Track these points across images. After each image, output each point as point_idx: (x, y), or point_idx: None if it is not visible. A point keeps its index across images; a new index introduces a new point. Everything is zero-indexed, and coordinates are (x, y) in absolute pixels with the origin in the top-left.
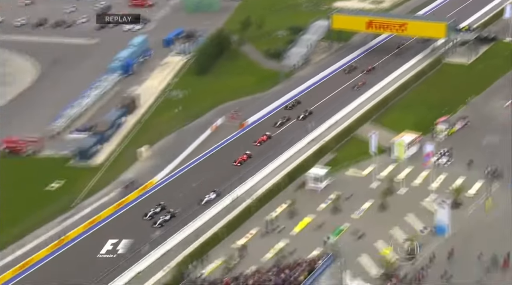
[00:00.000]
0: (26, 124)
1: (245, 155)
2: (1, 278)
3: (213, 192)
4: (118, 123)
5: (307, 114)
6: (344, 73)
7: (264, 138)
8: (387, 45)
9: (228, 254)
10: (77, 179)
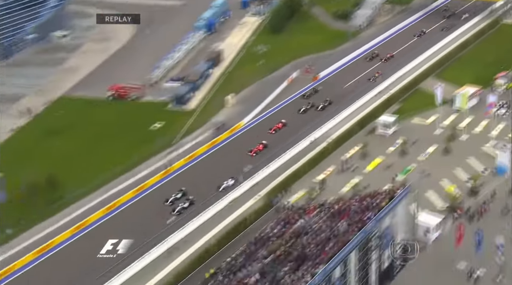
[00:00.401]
0: (128, 73)
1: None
2: (125, 196)
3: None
4: (206, 74)
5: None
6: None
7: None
8: (446, 8)
9: (309, 187)
10: (175, 121)
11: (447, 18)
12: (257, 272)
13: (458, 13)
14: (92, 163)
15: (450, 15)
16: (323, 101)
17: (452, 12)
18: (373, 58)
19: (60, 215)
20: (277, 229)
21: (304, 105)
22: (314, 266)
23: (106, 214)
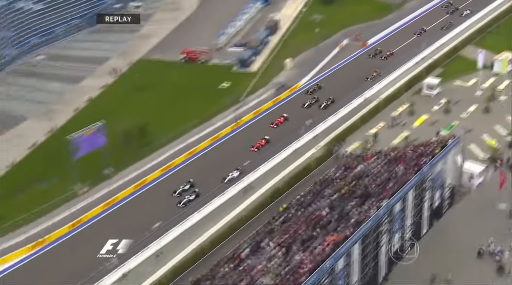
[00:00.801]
0: (196, 40)
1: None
2: (203, 144)
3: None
4: (266, 41)
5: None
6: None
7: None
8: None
9: (363, 139)
10: (240, 81)
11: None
12: (326, 206)
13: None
14: (173, 115)
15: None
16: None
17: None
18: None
19: (149, 158)
20: (339, 173)
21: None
22: (378, 201)
23: (188, 158)
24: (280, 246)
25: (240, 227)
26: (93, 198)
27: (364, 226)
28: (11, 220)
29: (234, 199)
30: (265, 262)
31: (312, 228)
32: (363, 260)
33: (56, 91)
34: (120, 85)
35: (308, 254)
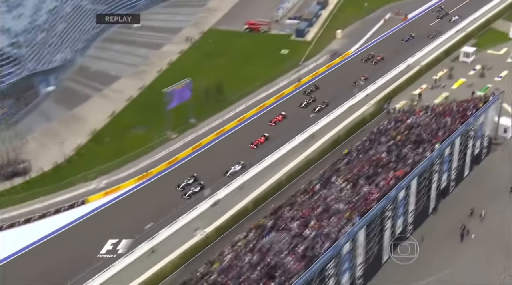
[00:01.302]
0: (257, 12)
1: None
2: (270, 100)
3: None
4: (318, 14)
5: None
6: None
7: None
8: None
9: (409, 98)
10: (298, 49)
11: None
12: (385, 150)
13: None
14: (243, 76)
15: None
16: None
17: None
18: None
19: (222, 113)
20: (392, 124)
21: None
22: (430, 146)
23: (259, 111)
24: (348, 181)
25: (308, 168)
26: (183, 142)
27: (421, 164)
28: (117, 158)
29: (301, 145)
30: (336, 193)
31: (374, 167)
32: (418, 193)
33: (142, 56)
34: (194, 51)
35: (373, 186)
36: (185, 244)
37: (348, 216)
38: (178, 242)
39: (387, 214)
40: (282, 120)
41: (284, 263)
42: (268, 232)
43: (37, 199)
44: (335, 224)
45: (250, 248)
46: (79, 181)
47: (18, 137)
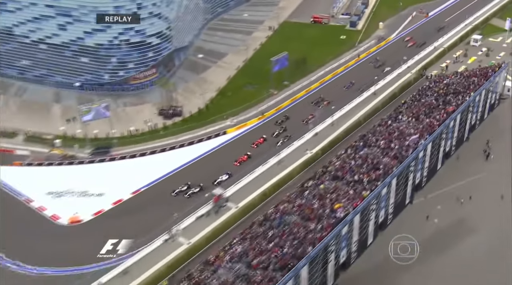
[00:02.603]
0: (317, 9)
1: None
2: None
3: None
4: (363, 11)
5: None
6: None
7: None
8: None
9: (439, 68)
10: (352, 35)
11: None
12: (433, 99)
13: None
14: (316, 53)
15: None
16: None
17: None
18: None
19: (306, 78)
20: (432, 84)
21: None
22: (464, 97)
23: (332, 77)
24: (411, 117)
25: (376, 113)
26: (280, 97)
27: (464, 104)
28: (239, 106)
29: (366, 100)
30: (405, 124)
31: (428, 108)
32: (460, 125)
33: (239, 39)
34: (276, 36)
35: (432, 118)
36: (300, 159)
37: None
38: (296, 157)
39: (443, 136)
40: (353, 85)
41: (383, 161)
42: (362, 148)
43: (192, 130)
44: (412, 141)
45: (351, 157)
46: (217, 120)
47: (170, 92)
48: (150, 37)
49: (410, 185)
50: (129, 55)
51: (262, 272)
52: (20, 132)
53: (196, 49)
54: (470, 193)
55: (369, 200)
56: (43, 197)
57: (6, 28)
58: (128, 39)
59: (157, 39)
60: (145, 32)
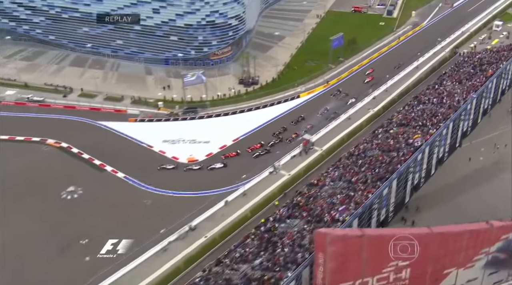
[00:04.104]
0: (355, 1)
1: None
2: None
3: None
4: (396, 2)
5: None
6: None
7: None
8: None
9: (469, 48)
10: (390, 22)
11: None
12: (470, 69)
13: None
14: (361, 36)
15: None
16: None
17: None
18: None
19: (357, 55)
20: (467, 58)
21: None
22: (498, 65)
23: (377, 56)
24: (455, 81)
25: (421, 82)
26: (338, 71)
27: (500, 69)
28: (305, 77)
29: (410, 72)
30: (451, 87)
31: (468, 75)
32: (495, 89)
33: (292, 25)
34: (324, 22)
35: (473, 81)
36: (366, 115)
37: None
38: (361, 114)
39: (484, 95)
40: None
41: (439, 111)
42: (418, 105)
43: (270, 95)
44: (461, 97)
45: (410, 111)
46: (289, 87)
47: (248, 63)
48: (230, 19)
49: (460, 131)
50: (213, 34)
51: (363, 185)
52: (126, 97)
53: (257, 33)
54: (503, 142)
55: (435, 137)
56: (160, 144)
57: (105, 13)
58: (214, 20)
59: (235, 20)
60: (227, 14)
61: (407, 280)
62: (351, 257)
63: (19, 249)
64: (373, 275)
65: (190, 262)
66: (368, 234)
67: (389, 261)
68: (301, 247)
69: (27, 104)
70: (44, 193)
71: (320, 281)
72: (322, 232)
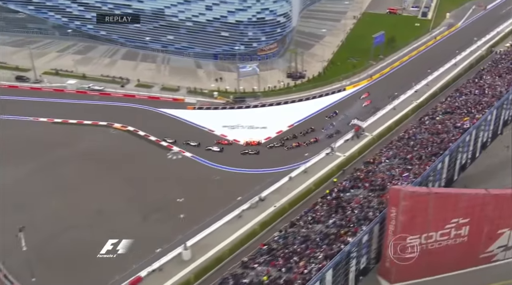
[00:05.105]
0: (388, 3)
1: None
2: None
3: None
4: (430, 4)
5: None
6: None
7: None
8: None
9: (504, 47)
10: (425, 23)
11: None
12: (509, 64)
13: None
14: (398, 36)
15: None
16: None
17: None
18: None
19: (396, 53)
20: (504, 55)
21: None
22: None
23: (416, 54)
24: (495, 76)
25: (460, 77)
26: (378, 67)
27: None
28: (349, 72)
29: (449, 69)
30: (491, 80)
31: (508, 69)
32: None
33: (331, 25)
34: (361, 23)
35: (505, 80)
36: (409, 106)
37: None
38: (405, 105)
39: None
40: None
41: (483, 100)
42: (460, 96)
43: (317, 88)
44: (503, 89)
45: (453, 101)
46: (335, 80)
47: (291, 61)
48: (279, 16)
49: (502, 119)
50: (262, 30)
51: (418, 161)
52: (181, 88)
53: (298, 31)
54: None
55: (481, 121)
56: (220, 129)
57: (158, 10)
58: (264, 17)
59: (283, 18)
60: (276, 12)
61: (466, 237)
62: (419, 213)
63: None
64: (437, 230)
65: (264, 226)
66: (434, 192)
67: (451, 218)
68: (370, 208)
69: (88, 92)
70: (121, 169)
71: (391, 234)
72: (396, 188)
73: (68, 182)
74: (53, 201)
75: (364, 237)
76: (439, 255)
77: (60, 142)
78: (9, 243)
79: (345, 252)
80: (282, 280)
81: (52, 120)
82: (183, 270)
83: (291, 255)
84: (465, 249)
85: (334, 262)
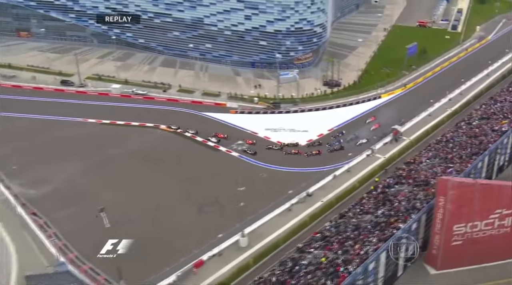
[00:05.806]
0: (419, 16)
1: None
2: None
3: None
4: (459, 17)
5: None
6: None
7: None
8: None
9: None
10: (455, 36)
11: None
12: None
13: None
14: (430, 48)
15: None
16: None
17: None
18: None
19: (428, 64)
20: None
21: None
22: None
23: (449, 64)
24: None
25: (492, 87)
26: (412, 77)
27: None
28: (384, 80)
29: (481, 79)
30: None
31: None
32: None
33: (362, 37)
34: (391, 35)
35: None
36: (444, 113)
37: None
38: (440, 112)
39: None
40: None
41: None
42: (495, 104)
43: (352, 95)
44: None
45: (488, 108)
46: (370, 89)
47: (327, 70)
48: (316, 26)
49: None
50: (299, 40)
51: (459, 160)
52: (222, 94)
53: (330, 43)
54: None
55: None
56: (263, 131)
57: (197, 19)
58: (301, 27)
59: (320, 28)
60: (313, 22)
61: (509, 227)
62: (465, 202)
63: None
64: (482, 219)
65: (314, 218)
66: (479, 183)
67: (495, 208)
68: (417, 200)
69: (132, 96)
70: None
71: (439, 222)
72: (444, 178)
73: (123, 178)
74: (112, 194)
75: (413, 225)
76: (483, 244)
77: (110, 141)
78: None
79: (397, 236)
80: (340, 260)
81: (101, 121)
82: (240, 255)
83: (345, 240)
84: (508, 240)
85: (388, 245)
